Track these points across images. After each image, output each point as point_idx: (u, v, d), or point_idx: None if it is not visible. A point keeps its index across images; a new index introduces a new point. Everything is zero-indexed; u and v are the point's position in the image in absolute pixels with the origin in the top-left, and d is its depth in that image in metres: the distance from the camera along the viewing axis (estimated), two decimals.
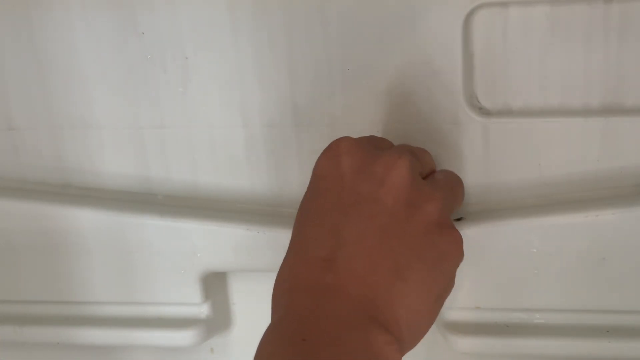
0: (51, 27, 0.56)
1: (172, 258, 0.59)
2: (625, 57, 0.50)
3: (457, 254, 0.43)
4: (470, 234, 0.52)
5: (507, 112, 0.53)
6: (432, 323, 0.42)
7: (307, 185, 0.55)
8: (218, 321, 0.63)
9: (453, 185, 0.49)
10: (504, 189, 0.54)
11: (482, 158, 0.54)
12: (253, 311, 0.64)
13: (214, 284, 0.61)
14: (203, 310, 0.61)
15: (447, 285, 0.44)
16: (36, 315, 0.64)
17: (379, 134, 0.54)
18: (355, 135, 0.54)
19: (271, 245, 0.57)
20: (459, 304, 0.55)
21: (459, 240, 0.43)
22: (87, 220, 0.59)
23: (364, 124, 0.55)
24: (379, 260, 0.39)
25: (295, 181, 0.58)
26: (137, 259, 0.60)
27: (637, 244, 0.52)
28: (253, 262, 0.58)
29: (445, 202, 0.44)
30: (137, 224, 0.59)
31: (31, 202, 0.60)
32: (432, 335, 0.52)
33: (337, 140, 0.44)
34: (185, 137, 0.58)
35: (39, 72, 0.58)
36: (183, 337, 0.61)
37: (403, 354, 0.39)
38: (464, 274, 0.51)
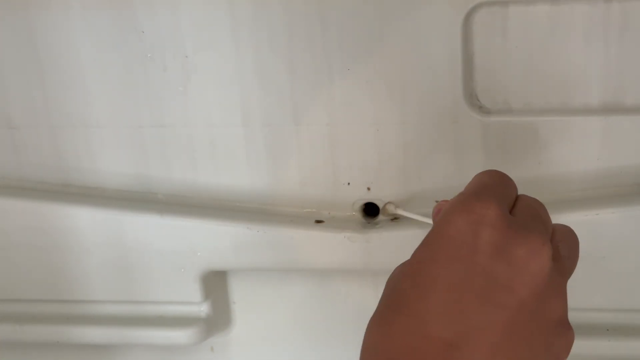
0: (51, 26, 0.56)
1: (172, 257, 0.59)
2: (625, 56, 0.51)
3: (567, 355, 0.40)
4: None
5: (507, 111, 0.53)
6: None
7: (305, 185, 0.55)
8: (218, 320, 0.63)
9: (575, 260, 0.43)
10: None
11: (482, 156, 0.54)
12: (253, 310, 0.64)
13: (214, 283, 0.61)
14: (203, 309, 0.61)
15: None
16: (36, 314, 0.64)
17: (378, 134, 0.55)
18: (354, 137, 0.54)
19: (271, 244, 0.57)
20: None
21: (572, 341, 0.39)
22: (87, 219, 0.59)
23: (363, 123, 0.55)
24: (498, 357, 0.36)
25: (295, 180, 0.58)
26: (137, 257, 0.60)
27: (637, 242, 0.52)
28: (253, 261, 0.58)
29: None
30: (137, 222, 0.59)
31: (31, 200, 0.60)
32: None
33: (481, 204, 0.38)
34: (185, 136, 0.58)
35: (39, 71, 0.58)
36: (183, 336, 0.61)
37: None
38: None
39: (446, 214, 0.39)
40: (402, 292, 0.38)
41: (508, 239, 0.37)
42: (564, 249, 0.40)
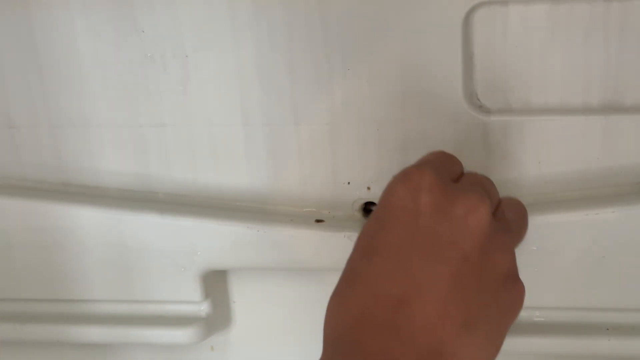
0: (51, 25, 0.56)
1: (172, 256, 0.59)
2: (625, 56, 0.50)
3: (519, 307, 0.42)
4: None
5: (507, 110, 0.53)
6: None
7: (305, 184, 0.55)
8: (218, 319, 0.63)
9: (522, 225, 0.47)
10: (504, 187, 0.54)
11: (482, 156, 0.54)
12: (253, 309, 0.64)
13: (214, 282, 0.61)
14: (203, 308, 0.61)
15: (504, 339, 0.41)
16: (36, 313, 0.64)
17: (378, 133, 0.55)
18: (354, 136, 0.54)
19: (271, 243, 0.57)
20: None
21: (523, 294, 0.42)
22: (87, 218, 0.59)
23: (363, 122, 0.55)
24: (450, 310, 0.37)
25: (295, 179, 0.58)
26: (137, 257, 0.60)
27: (637, 242, 0.52)
28: (253, 260, 0.58)
29: (514, 248, 0.42)
30: (137, 222, 0.59)
31: (31, 200, 0.60)
32: None
33: (418, 171, 0.41)
34: (185, 136, 0.58)
35: (39, 71, 0.58)
36: (183, 335, 0.61)
37: None
38: None
39: (388, 187, 0.42)
40: (352, 264, 0.41)
41: (446, 199, 0.40)
42: (509, 213, 0.44)
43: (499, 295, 0.39)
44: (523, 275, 0.53)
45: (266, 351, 0.65)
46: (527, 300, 0.54)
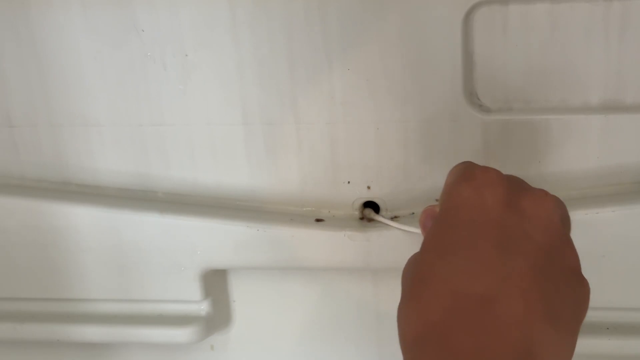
0: (51, 25, 0.56)
1: (172, 255, 0.59)
2: (625, 55, 0.51)
3: (587, 303, 0.40)
4: None
5: (507, 110, 0.53)
6: None
7: (305, 183, 0.55)
8: (218, 318, 0.63)
9: (569, 226, 0.45)
10: None
11: (482, 155, 0.54)
12: (253, 308, 0.64)
13: (214, 281, 0.61)
14: (203, 307, 0.61)
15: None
16: (36, 312, 0.64)
17: (378, 132, 0.55)
18: (354, 135, 0.54)
19: (271, 242, 0.57)
20: None
21: (589, 293, 0.40)
22: (87, 217, 0.59)
23: (363, 122, 0.55)
24: (534, 303, 0.36)
25: (295, 179, 0.58)
26: (137, 256, 0.60)
27: (637, 241, 0.52)
28: (253, 260, 0.58)
29: None
30: (137, 221, 0.59)
31: (31, 199, 0.60)
32: None
33: (481, 169, 0.41)
34: (185, 135, 0.58)
35: (39, 70, 0.58)
36: (183, 334, 0.61)
37: None
38: None
39: (449, 189, 0.41)
40: (426, 266, 0.39)
41: (512, 193, 0.39)
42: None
43: (573, 289, 0.38)
44: None
45: (266, 350, 0.65)
46: None
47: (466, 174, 0.41)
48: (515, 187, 0.40)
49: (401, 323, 0.38)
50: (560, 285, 0.37)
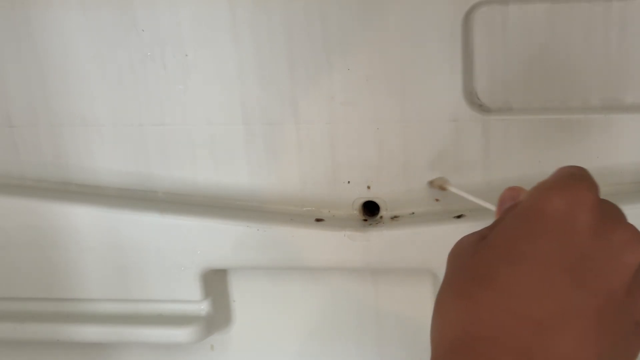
0: (51, 25, 0.56)
1: (172, 255, 0.59)
2: (624, 55, 0.51)
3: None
4: (471, 232, 0.52)
5: (507, 109, 0.53)
6: None
7: (305, 183, 0.55)
8: (218, 318, 0.63)
9: None
10: (504, 186, 0.54)
11: (482, 155, 0.54)
12: (253, 308, 0.64)
13: (214, 281, 0.61)
14: (203, 307, 0.61)
15: None
16: (35, 312, 0.64)
17: (378, 132, 0.55)
18: (354, 135, 0.54)
19: (271, 242, 0.57)
20: None
21: None
22: (87, 217, 0.59)
23: (364, 122, 0.55)
24: (587, 345, 0.34)
25: (295, 178, 0.58)
26: (137, 256, 0.60)
27: None
28: (253, 259, 0.58)
29: None
30: (137, 221, 0.59)
31: (31, 199, 0.60)
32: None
33: (580, 185, 0.36)
34: (185, 135, 0.58)
35: (39, 70, 0.58)
36: (183, 334, 0.61)
37: None
38: None
39: (542, 191, 0.37)
40: (486, 264, 0.36)
41: (606, 224, 0.36)
42: None
43: (629, 342, 0.36)
44: None
45: (266, 350, 0.65)
46: None
47: (563, 184, 0.37)
48: (610, 217, 0.37)
49: (443, 315, 0.36)
50: (619, 338, 0.35)
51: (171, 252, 0.59)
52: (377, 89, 0.54)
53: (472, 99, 0.53)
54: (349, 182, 0.57)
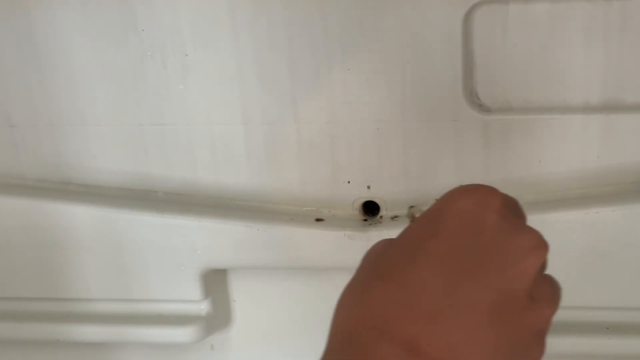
0: (51, 25, 0.56)
1: (172, 255, 0.59)
2: (625, 54, 0.51)
3: None
4: None
5: (507, 109, 0.53)
6: None
7: (305, 183, 0.55)
8: (218, 318, 0.63)
9: (557, 299, 0.42)
10: (504, 186, 0.54)
11: (482, 155, 0.54)
12: (253, 308, 0.64)
13: (214, 281, 0.61)
14: (203, 307, 0.61)
15: None
16: (35, 312, 0.64)
17: (378, 132, 0.55)
18: (354, 135, 0.54)
19: (271, 242, 0.57)
20: None
21: (541, 358, 0.38)
22: (87, 217, 0.59)
23: (363, 122, 0.55)
24: (478, 338, 0.34)
25: (295, 178, 0.58)
26: (137, 256, 0.60)
27: (637, 241, 0.52)
28: (253, 259, 0.58)
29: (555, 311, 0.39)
30: (137, 221, 0.59)
31: (31, 199, 0.60)
32: None
33: (488, 189, 0.38)
34: (185, 134, 0.58)
35: (39, 70, 0.58)
36: (183, 334, 0.61)
37: None
38: None
39: (452, 194, 0.38)
40: (389, 261, 0.37)
41: (512, 227, 0.37)
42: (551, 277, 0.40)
43: (525, 347, 0.36)
44: None
45: (266, 350, 0.65)
46: None
47: (473, 187, 0.38)
48: (516, 222, 0.38)
49: (340, 309, 0.38)
50: (518, 342, 0.36)
51: (171, 252, 0.59)
52: (377, 88, 0.54)
53: (472, 99, 0.53)
54: (349, 182, 0.57)
